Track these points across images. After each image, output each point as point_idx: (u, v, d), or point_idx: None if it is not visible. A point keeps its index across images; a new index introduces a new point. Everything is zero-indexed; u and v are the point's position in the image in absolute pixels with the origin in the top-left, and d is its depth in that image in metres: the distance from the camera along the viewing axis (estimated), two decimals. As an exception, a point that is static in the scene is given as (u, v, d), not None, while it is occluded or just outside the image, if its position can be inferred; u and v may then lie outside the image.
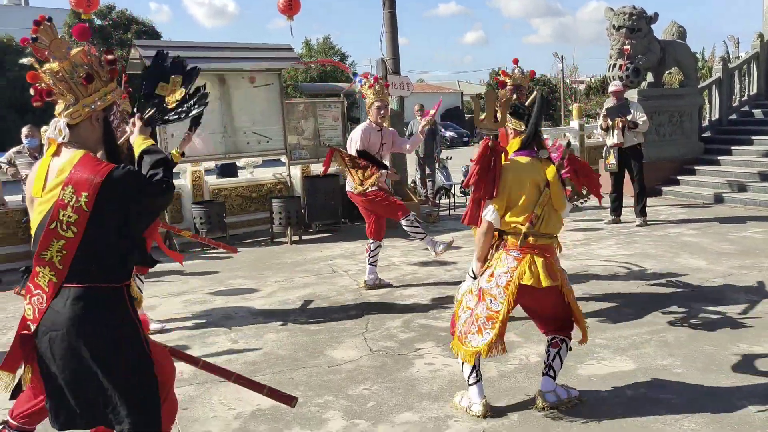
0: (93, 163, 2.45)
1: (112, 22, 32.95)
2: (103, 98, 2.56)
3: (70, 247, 2.42)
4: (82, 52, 2.53)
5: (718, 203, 10.84)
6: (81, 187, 2.40)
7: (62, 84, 2.49)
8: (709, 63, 30.68)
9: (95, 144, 2.59)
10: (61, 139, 2.51)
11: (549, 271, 3.57)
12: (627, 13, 11.66)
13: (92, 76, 2.50)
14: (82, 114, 2.52)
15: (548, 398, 3.77)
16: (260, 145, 9.92)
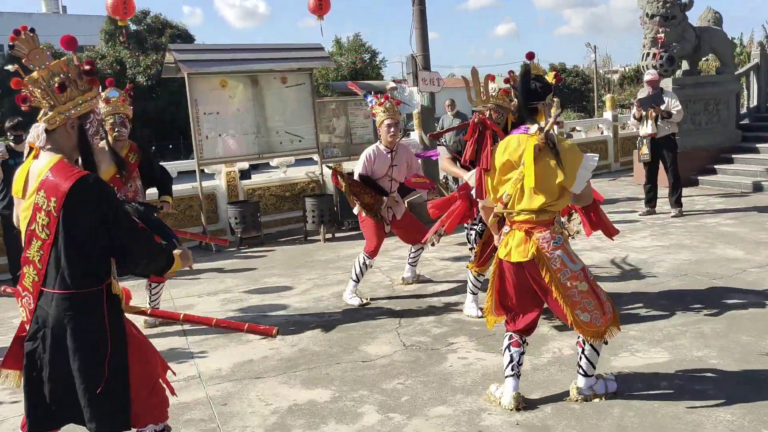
0: (65, 169, 2.58)
1: (147, 27, 33.52)
2: (77, 106, 2.67)
3: (46, 248, 2.58)
4: (62, 61, 2.66)
5: (756, 192, 10.61)
6: (51, 192, 2.55)
7: (40, 91, 2.63)
8: (748, 48, 29.98)
9: (71, 150, 2.71)
10: (39, 143, 2.65)
11: (522, 245, 3.57)
12: (661, 1, 11.48)
13: (65, 85, 2.62)
14: (57, 120, 2.64)
15: (583, 392, 3.79)
16: (293, 145, 10.05)
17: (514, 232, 3.65)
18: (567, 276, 3.56)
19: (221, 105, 9.38)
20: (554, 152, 3.52)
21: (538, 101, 3.72)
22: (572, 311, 3.57)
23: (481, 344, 4.82)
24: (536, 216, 3.58)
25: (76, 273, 2.58)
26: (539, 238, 3.56)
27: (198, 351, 5.10)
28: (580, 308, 3.57)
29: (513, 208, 3.63)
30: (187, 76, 8.93)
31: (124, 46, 30.97)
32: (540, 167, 3.51)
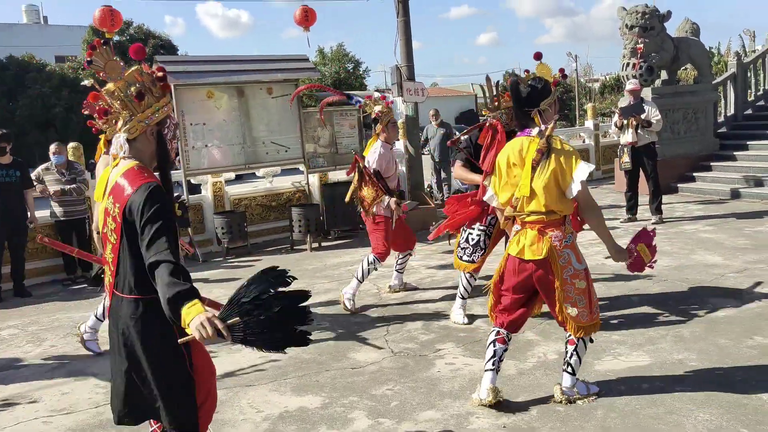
0: (134, 175, 2.60)
1: (129, 38, 33.42)
2: (155, 113, 2.71)
3: (115, 252, 2.65)
4: (136, 71, 2.70)
5: (734, 199, 10.85)
6: (117, 198, 2.60)
7: (118, 102, 2.68)
8: (725, 58, 30.50)
9: (150, 156, 2.75)
10: (122, 153, 2.69)
11: (535, 244, 3.70)
12: (640, 12, 11.72)
13: (143, 94, 2.67)
14: (138, 129, 2.69)
15: (566, 393, 3.89)
16: (279, 155, 10.12)
17: (526, 230, 3.78)
18: (570, 273, 3.71)
19: (208, 116, 9.43)
20: (552, 155, 3.65)
21: (531, 108, 3.83)
22: (562, 304, 3.73)
23: (467, 350, 4.92)
24: (547, 216, 3.71)
25: (138, 279, 2.60)
26: (552, 236, 3.70)
27: (188, 360, 5.14)
28: (571, 303, 3.72)
29: (523, 210, 3.76)
30: (174, 88, 8.97)
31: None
32: (540, 170, 3.65)
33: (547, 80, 3.97)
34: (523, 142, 3.77)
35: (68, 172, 8.28)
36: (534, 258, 3.70)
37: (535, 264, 3.73)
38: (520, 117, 3.92)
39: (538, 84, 3.87)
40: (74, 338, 5.67)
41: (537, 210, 3.70)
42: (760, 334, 4.76)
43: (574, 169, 3.62)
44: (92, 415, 4.26)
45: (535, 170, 3.66)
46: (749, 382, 4.00)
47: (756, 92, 14.09)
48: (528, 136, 3.78)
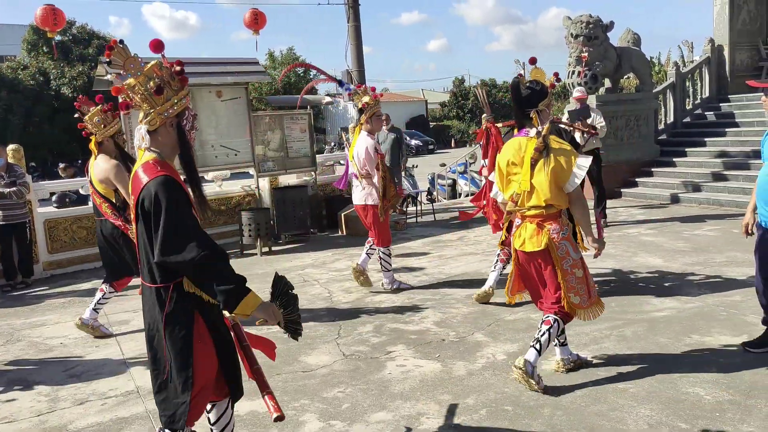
0: (151, 168, 2.69)
1: (72, 37, 32.58)
2: (174, 105, 2.78)
3: (137, 240, 2.76)
4: (155, 65, 2.76)
5: (674, 203, 11.25)
6: (135, 189, 2.72)
7: (138, 96, 2.75)
8: (665, 67, 31.52)
9: (172, 147, 2.82)
10: (144, 144, 2.77)
11: (535, 237, 3.99)
12: (584, 22, 12.04)
13: (162, 88, 2.74)
14: (158, 121, 2.75)
15: (527, 368, 4.01)
16: (228, 158, 10.02)
17: (526, 224, 4.06)
18: (569, 263, 3.98)
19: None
20: (548, 155, 3.90)
21: (530, 108, 4.07)
22: (566, 293, 3.99)
23: (418, 352, 4.97)
24: (546, 210, 3.98)
25: (150, 268, 2.71)
26: (550, 229, 3.97)
27: (135, 365, 5.06)
28: (574, 292, 4.00)
29: (523, 205, 4.03)
30: (120, 89, 8.80)
31: (51, 58, 29.99)
32: (538, 168, 3.92)
33: (544, 83, 4.22)
34: (522, 141, 4.03)
35: (8, 175, 8.02)
36: (534, 249, 4.00)
37: (537, 254, 4.02)
38: (519, 117, 4.16)
39: (537, 86, 4.13)
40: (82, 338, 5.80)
41: (537, 204, 3.97)
42: (697, 333, 4.95)
43: (572, 166, 3.89)
44: (35, 423, 4.14)
45: (534, 167, 3.93)
46: (687, 378, 4.17)
47: (694, 101, 14.63)
48: (526, 136, 4.03)
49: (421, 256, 8.44)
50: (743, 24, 14.54)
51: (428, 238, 9.61)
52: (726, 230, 8.63)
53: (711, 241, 8.13)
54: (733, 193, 10.74)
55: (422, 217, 11.55)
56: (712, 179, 11.52)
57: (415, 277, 7.29)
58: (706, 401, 3.84)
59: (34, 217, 8.56)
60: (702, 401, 3.84)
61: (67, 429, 4.05)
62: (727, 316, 5.31)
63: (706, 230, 8.80)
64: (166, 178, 2.63)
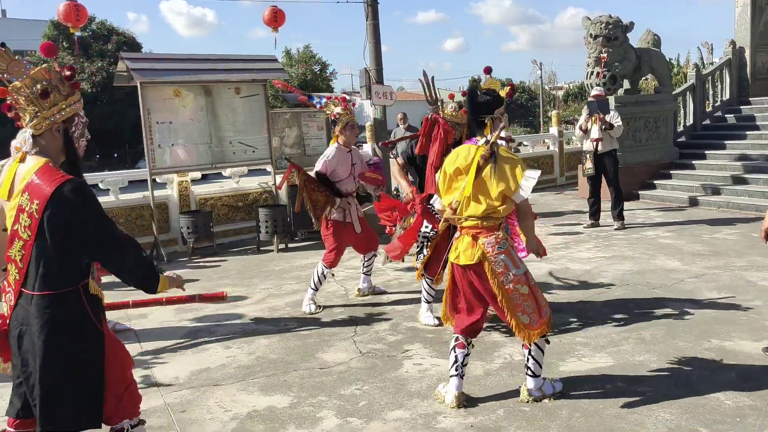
0: (50, 173, 2.65)
1: (92, 33, 32.85)
2: (62, 111, 2.76)
3: (27, 249, 2.66)
4: (43, 69, 2.74)
5: (692, 206, 11.15)
6: (34, 195, 2.63)
7: (22, 98, 2.73)
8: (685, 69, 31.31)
9: (57, 153, 2.79)
10: (26, 148, 2.74)
11: (469, 249, 3.82)
12: (603, 22, 11.97)
13: (48, 92, 2.72)
14: (43, 125, 2.73)
15: (533, 394, 3.99)
16: (246, 155, 10.06)
17: (463, 237, 3.90)
18: (510, 279, 3.78)
19: (174, 114, 9.33)
20: (496, 162, 3.75)
21: (485, 115, 3.99)
22: (513, 313, 3.80)
23: (435, 351, 4.97)
24: (482, 222, 3.81)
25: (54, 274, 2.65)
26: (485, 242, 3.79)
27: (153, 359, 5.10)
28: (521, 311, 3.80)
29: (461, 214, 3.87)
30: (140, 85, 8.87)
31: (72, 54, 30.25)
32: (483, 176, 3.77)
33: (499, 92, 4.17)
34: (471, 149, 3.90)
35: None
36: (468, 263, 3.83)
37: (471, 269, 3.85)
38: (472, 124, 4.08)
39: (492, 94, 4.08)
40: None
41: (474, 214, 3.81)
42: (717, 337, 4.91)
43: (520, 177, 3.73)
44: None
45: (479, 175, 3.77)
46: (707, 382, 4.13)
47: (714, 103, 14.51)
48: (475, 144, 3.92)
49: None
50: (765, 26, 14.40)
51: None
52: (746, 234, 8.55)
53: (730, 244, 8.06)
54: (754, 197, 10.63)
55: (438, 217, 11.53)
56: (731, 182, 11.41)
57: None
58: (727, 406, 3.81)
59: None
60: (722, 406, 3.81)
61: None
62: (747, 320, 5.26)
63: (726, 234, 8.73)
64: (82, 182, 2.68)
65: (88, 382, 2.72)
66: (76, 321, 2.69)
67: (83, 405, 2.72)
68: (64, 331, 2.66)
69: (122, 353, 2.96)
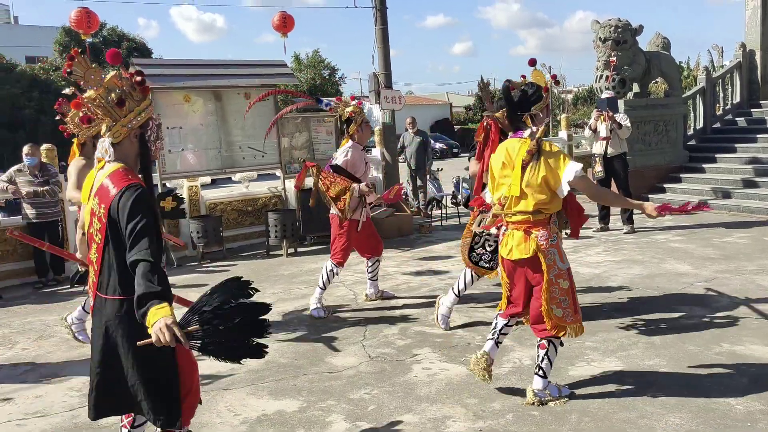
0: (120, 177, 2.68)
1: (103, 39, 33.10)
2: (138, 116, 2.78)
3: (99, 251, 2.71)
4: (114, 76, 2.75)
5: (703, 210, 11.07)
6: (102, 199, 2.68)
7: (100, 109, 2.74)
8: (695, 72, 31.16)
9: (135, 158, 2.82)
10: (107, 157, 2.77)
11: (522, 244, 3.86)
12: (613, 26, 11.96)
13: (124, 100, 2.73)
14: (121, 133, 2.75)
15: (538, 395, 3.99)
16: (255, 160, 10.11)
17: (513, 232, 3.94)
18: (555, 273, 3.87)
19: (184, 120, 9.40)
20: (541, 157, 3.79)
21: (523, 112, 3.99)
22: (548, 305, 3.86)
23: (444, 355, 4.97)
24: (533, 216, 3.86)
25: (122, 278, 2.66)
26: (538, 236, 3.85)
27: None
28: (556, 303, 3.87)
29: (510, 209, 3.92)
30: (151, 91, 8.92)
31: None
32: (530, 171, 3.80)
33: (539, 86, 4.11)
34: (515, 143, 3.94)
35: (41, 174, 8.18)
36: (522, 257, 3.88)
37: (526, 262, 3.91)
38: (512, 120, 4.08)
39: (530, 89, 4.02)
40: (63, 329, 5.78)
41: (524, 210, 3.85)
42: (728, 341, 4.89)
43: (562, 169, 3.75)
44: (66, 418, 4.22)
45: (525, 171, 3.81)
46: (717, 387, 4.11)
47: (724, 106, 14.44)
48: (519, 138, 3.94)
49: (446, 259, 8.43)
50: (776, 28, 14.32)
51: (453, 241, 9.58)
52: (757, 238, 8.51)
53: (741, 248, 8.02)
54: (765, 200, 10.58)
55: (447, 221, 11.54)
56: (742, 186, 11.35)
57: (441, 280, 7.29)
58: (738, 411, 3.79)
59: (66, 215, 8.70)
60: (733, 411, 3.79)
61: (98, 424, 4.11)
62: (759, 325, 5.23)
63: (737, 237, 8.68)
64: (138, 188, 2.65)
65: (168, 380, 2.75)
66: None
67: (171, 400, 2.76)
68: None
69: (189, 356, 2.90)
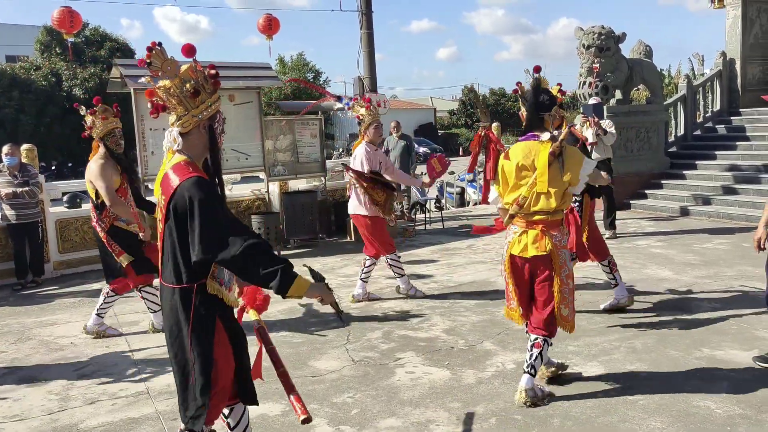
0: (182, 169, 2.71)
1: (85, 39, 32.78)
2: (208, 108, 2.81)
3: (161, 239, 2.76)
4: (189, 68, 2.78)
5: (683, 216, 11.22)
6: (164, 190, 2.73)
7: (174, 98, 2.76)
8: (676, 80, 31.47)
9: (203, 149, 2.84)
10: (176, 146, 2.79)
11: (538, 242, 3.97)
12: (596, 33, 12.06)
13: (199, 90, 2.76)
14: (191, 123, 2.78)
15: (530, 394, 4.03)
16: (239, 162, 10.06)
17: (528, 231, 4.03)
18: (565, 273, 4.02)
19: (167, 121, 9.27)
20: (563, 157, 3.94)
21: (545, 112, 4.14)
22: (559, 305, 3.99)
23: (427, 359, 4.98)
24: (551, 216, 3.99)
25: (176, 268, 2.72)
26: (553, 236, 3.99)
27: (144, 367, 5.08)
28: (565, 304, 4.02)
29: (529, 210, 4.00)
30: (134, 92, 8.86)
31: (64, 59, 30.16)
32: (552, 171, 3.93)
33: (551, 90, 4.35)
34: (532, 146, 4.04)
35: (21, 175, 8.07)
36: (537, 254, 3.97)
37: (538, 260, 4.00)
38: (533, 121, 4.17)
39: (550, 93, 4.24)
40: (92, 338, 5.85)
41: (544, 209, 3.96)
42: (708, 346, 4.94)
43: (581, 166, 3.97)
44: (46, 422, 4.17)
45: (548, 170, 3.93)
46: (698, 391, 4.15)
47: (704, 114, 14.61)
48: (537, 141, 4.04)
49: (430, 263, 8.44)
50: (755, 38, 14.52)
51: (437, 245, 9.61)
52: (736, 244, 8.61)
53: (721, 254, 8.11)
54: (744, 207, 10.70)
55: (431, 225, 11.56)
56: (722, 192, 11.49)
57: (424, 284, 7.29)
58: (717, 415, 3.83)
59: (46, 216, 8.61)
60: (713, 415, 3.83)
61: (77, 428, 4.07)
62: (738, 330, 5.29)
63: (717, 243, 8.78)
64: (199, 178, 2.67)
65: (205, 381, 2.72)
66: (187, 317, 2.71)
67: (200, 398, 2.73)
68: (180, 325, 2.73)
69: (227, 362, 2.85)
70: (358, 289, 6.72)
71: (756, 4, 14.37)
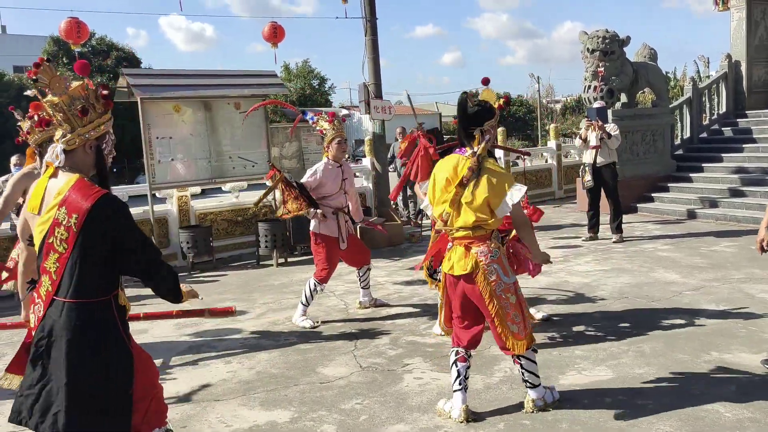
0: (86, 188, 2.72)
1: (91, 49, 32.99)
2: (96, 128, 2.82)
3: (62, 261, 2.71)
4: (80, 86, 2.80)
5: (690, 219, 11.19)
6: (72, 209, 2.69)
7: (60, 114, 2.77)
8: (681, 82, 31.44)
9: (88, 169, 2.86)
10: (57, 163, 2.79)
11: (463, 260, 3.85)
12: (600, 37, 12.07)
13: (87, 109, 2.78)
14: (77, 142, 2.79)
15: (537, 404, 4.02)
16: (245, 170, 10.11)
17: (456, 247, 3.94)
18: (501, 288, 3.84)
19: (174, 130, 9.39)
20: (480, 175, 3.80)
21: (474, 126, 3.96)
22: (504, 322, 3.84)
23: (435, 365, 4.98)
24: (473, 231, 3.85)
25: (88, 284, 2.72)
26: (477, 252, 3.83)
27: (154, 375, 5.09)
28: (511, 320, 3.85)
29: (452, 225, 3.90)
30: (141, 101, 8.92)
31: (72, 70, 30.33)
32: (470, 188, 3.80)
33: (492, 104, 4.12)
34: (459, 159, 3.92)
35: (30, 184, 8.12)
36: (462, 273, 3.86)
37: (464, 279, 3.88)
38: (461, 134, 4.04)
39: (486, 105, 4.03)
40: None
41: (464, 225, 3.85)
42: (716, 350, 4.92)
43: (506, 190, 3.77)
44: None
45: (465, 187, 3.81)
46: (707, 395, 4.14)
47: (710, 116, 14.59)
48: (463, 155, 3.93)
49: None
50: (761, 40, 14.51)
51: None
52: (744, 246, 8.58)
53: (729, 257, 8.09)
54: (751, 209, 10.67)
55: (437, 230, 11.55)
56: (729, 195, 11.46)
57: (432, 290, 7.28)
58: (726, 419, 3.82)
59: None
60: (722, 419, 3.82)
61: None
62: (747, 333, 5.28)
63: (724, 246, 8.75)
64: (116, 197, 2.77)
65: (116, 392, 2.75)
66: (105, 330, 2.74)
67: (111, 415, 2.74)
68: (93, 340, 2.72)
69: (149, 363, 3.02)
70: (363, 296, 6.73)
71: (761, 6, 14.37)
